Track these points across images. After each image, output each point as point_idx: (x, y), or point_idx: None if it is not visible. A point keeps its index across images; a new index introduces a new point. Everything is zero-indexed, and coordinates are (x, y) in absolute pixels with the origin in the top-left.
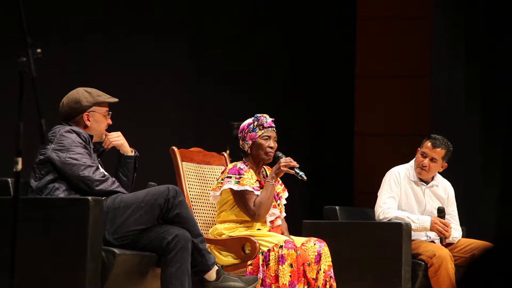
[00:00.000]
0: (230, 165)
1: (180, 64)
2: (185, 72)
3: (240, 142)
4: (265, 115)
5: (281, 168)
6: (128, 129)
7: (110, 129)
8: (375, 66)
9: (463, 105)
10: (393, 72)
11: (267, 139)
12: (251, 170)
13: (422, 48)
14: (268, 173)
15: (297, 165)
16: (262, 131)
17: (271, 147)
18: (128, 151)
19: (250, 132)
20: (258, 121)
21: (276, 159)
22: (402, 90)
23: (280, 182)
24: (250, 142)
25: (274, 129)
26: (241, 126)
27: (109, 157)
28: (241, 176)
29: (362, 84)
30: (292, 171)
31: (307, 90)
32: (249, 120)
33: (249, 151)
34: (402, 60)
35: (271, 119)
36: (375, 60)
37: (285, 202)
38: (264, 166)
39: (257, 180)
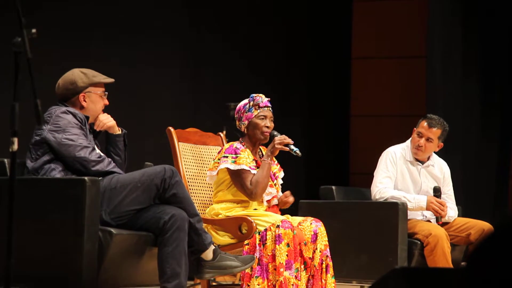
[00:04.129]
0: (226, 145)
1: (178, 46)
2: (183, 53)
3: (237, 122)
4: (260, 95)
5: (276, 146)
6: (125, 109)
7: (106, 110)
8: (371, 47)
9: (460, 85)
10: (389, 53)
11: (263, 118)
12: (248, 150)
13: (418, 28)
14: (264, 153)
15: (292, 142)
16: (258, 110)
17: (267, 127)
18: (117, 130)
19: (246, 112)
20: (254, 101)
21: (271, 138)
22: (398, 71)
23: (276, 162)
24: (246, 122)
25: (270, 108)
26: (237, 106)
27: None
28: (238, 155)
29: (358, 65)
30: (287, 148)
31: (303, 71)
32: (245, 101)
33: (245, 131)
34: (398, 41)
35: (267, 98)
36: (371, 41)
37: (281, 182)
38: (260, 147)
39: (253, 160)
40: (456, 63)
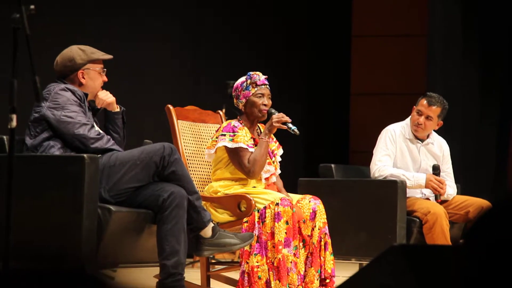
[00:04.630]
0: (224, 123)
1: (177, 22)
2: (182, 30)
3: (234, 100)
4: (258, 72)
5: (274, 124)
6: (124, 87)
7: (106, 87)
8: (371, 25)
9: (460, 64)
10: (390, 31)
11: (260, 96)
12: (246, 128)
13: (419, 6)
14: (262, 130)
15: (290, 120)
16: (256, 88)
17: (265, 105)
18: (116, 107)
19: (243, 91)
20: (251, 79)
21: (269, 116)
22: (398, 49)
23: (275, 139)
24: (244, 100)
25: (268, 86)
26: (235, 84)
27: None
28: (235, 133)
29: (358, 43)
30: (284, 126)
31: (303, 49)
32: (242, 79)
33: (243, 110)
34: (399, 19)
35: (264, 76)
36: (371, 19)
37: (280, 159)
38: (258, 124)
39: (251, 138)
40: (456, 42)
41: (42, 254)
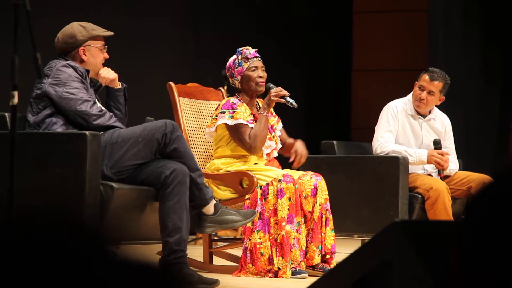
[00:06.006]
0: (223, 101)
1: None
2: (184, 8)
3: (230, 80)
4: (247, 47)
5: (272, 98)
6: (126, 64)
7: (107, 64)
8: (372, 1)
9: (461, 38)
10: (391, 6)
11: (254, 70)
12: (245, 104)
13: None
14: (261, 106)
15: (288, 94)
16: (248, 63)
17: (260, 77)
18: (118, 84)
19: (237, 68)
20: (242, 55)
21: (267, 90)
22: (400, 25)
23: (274, 114)
24: (239, 77)
25: (259, 58)
26: (227, 64)
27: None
28: (235, 110)
29: (359, 19)
30: (283, 100)
31: (304, 25)
32: (233, 57)
33: (240, 87)
34: None
35: (254, 49)
36: None
37: (279, 134)
38: (257, 100)
39: (251, 114)
40: (457, 16)
41: (44, 231)
